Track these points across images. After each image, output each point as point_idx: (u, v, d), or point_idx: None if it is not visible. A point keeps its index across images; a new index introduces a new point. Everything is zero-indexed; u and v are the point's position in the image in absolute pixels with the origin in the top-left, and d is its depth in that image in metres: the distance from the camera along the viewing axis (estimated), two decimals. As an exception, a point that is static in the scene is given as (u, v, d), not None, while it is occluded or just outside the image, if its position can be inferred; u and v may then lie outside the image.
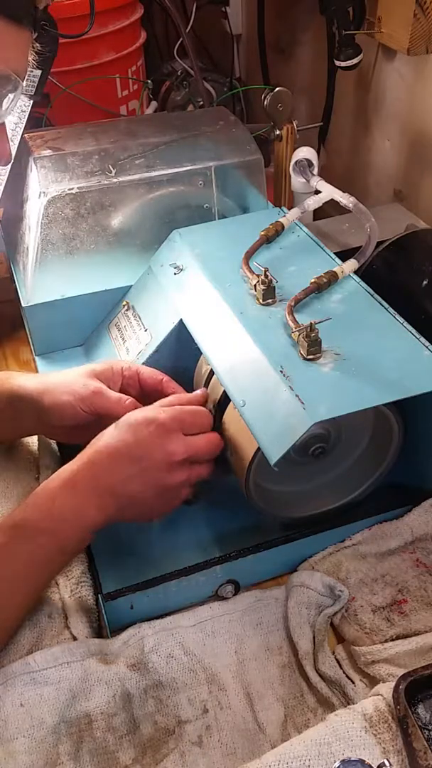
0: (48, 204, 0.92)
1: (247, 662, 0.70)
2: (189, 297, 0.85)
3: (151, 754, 0.64)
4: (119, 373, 0.82)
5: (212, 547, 0.78)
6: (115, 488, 0.69)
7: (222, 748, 0.64)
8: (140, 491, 0.70)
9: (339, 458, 0.78)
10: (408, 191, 1.24)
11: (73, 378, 0.81)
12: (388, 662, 0.67)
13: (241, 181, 1.01)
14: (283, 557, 0.77)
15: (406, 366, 0.70)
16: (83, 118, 1.21)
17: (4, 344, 1.11)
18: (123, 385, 0.82)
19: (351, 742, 0.56)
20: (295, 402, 0.65)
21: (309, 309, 0.77)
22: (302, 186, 1.10)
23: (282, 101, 1.15)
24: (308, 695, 0.68)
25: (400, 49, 1.09)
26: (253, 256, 0.85)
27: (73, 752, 0.63)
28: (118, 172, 0.95)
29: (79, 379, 0.80)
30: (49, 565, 0.69)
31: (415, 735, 0.56)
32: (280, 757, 0.56)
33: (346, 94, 1.35)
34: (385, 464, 0.79)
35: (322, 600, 0.72)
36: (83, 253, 0.95)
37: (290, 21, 1.51)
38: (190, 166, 0.97)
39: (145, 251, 0.96)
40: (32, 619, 0.71)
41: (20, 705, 0.64)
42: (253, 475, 0.72)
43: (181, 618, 0.72)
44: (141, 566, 0.75)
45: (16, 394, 0.81)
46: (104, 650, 0.69)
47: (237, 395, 0.71)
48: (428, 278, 0.90)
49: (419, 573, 0.74)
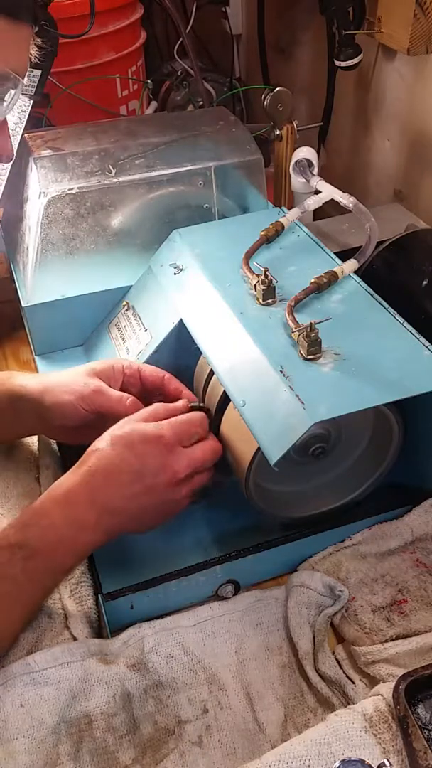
0: (48, 204, 0.92)
1: (247, 662, 0.70)
2: (189, 297, 0.85)
3: (151, 754, 0.64)
4: (120, 372, 0.82)
5: (212, 547, 0.78)
6: (116, 506, 0.68)
7: (222, 748, 0.64)
8: (144, 509, 0.70)
9: (339, 458, 0.78)
10: (408, 191, 1.24)
11: (73, 377, 0.81)
12: (388, 662, 0.67)
13: (241, 181, 1.01)
14: (283, 557, 0.77)
15: (406, 366, 0.70)
16: (83, 118, 1.21)
17: (4, 344, 1.11)
18: (124, 383, 0.82)
19: (351, 742, 0.56)
20: (295, 402, 0.65)
21: (309, 309, 0.77)
22: (302, 186, 1.10)
23: (282, 101, 1.15)
24: (308, 695, 0.68)
25: (400, 49, 1.09)
26: (253, 256, 0.85)
27: (73, 752, 0.63)
28: (118, 172, 0.95)
29: (79, 378, 0.80)
30: (45, 583, 0.68)
31: (415, 735, 0.56)
32: (280, 757, 0.56)
33: (346, 94, 1.35)
34: (385, 464, 0.79)
35: (322, 600, 0.72)
36: (83, 253, 0.95)
37: (290, 21, 1.51)
38: (190, 166, 0.97)
39: (145, 251, 0.96)
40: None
41: (20, 705, 0.64)
42: (253, 475, 0.72)
43: (181, 618, 0.72)
44: (141, 566, 0.75)
45: (16, 394, 0.81)
46: (104, 650, 0.69)
47: (237, 395, 0.71)
48: (428, 278, 0.90)
49: (419, 573, 0.74)
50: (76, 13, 1.14)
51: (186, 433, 0.72)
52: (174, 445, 0.71)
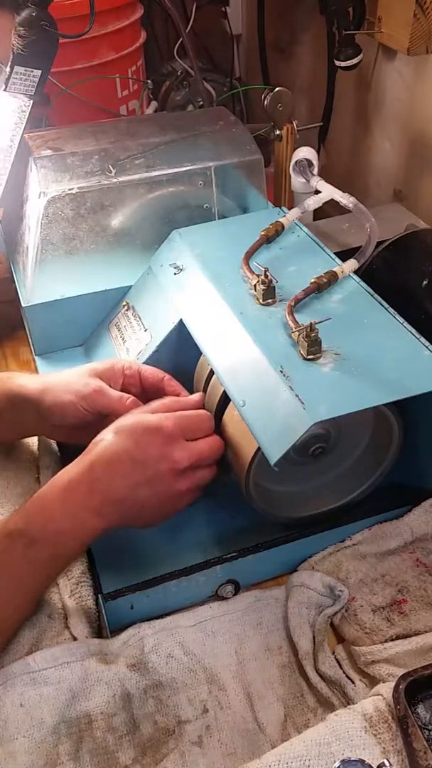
0: (48, 204, 0.92)
1: (247, 662, 0.70)
2: (189, 297, 0.85)
3: (151, 754, 0.64)
4: (120, 372, 0.82)
5: (212, 547, 0.78)
6: (116, 496, 0.68)
7: (222, 748, 0.64)
8: (144, 499, 0.70)
9: (339, 458, 0.78)
10: (408, 191, 1.24)
11: (73, 377, 0.81)
12: (388, 662, 0.67)
13: (241, 181, 1.01)
14: (283, 557, 0.77)
15: (406, 366, 0.70)
16: (83, 118, 1.22)
17: (4, 344, 1.11)
18: (124, 384, 0.82)
19: (351, 742, 0.56)
20: (295, 402, 0.65)
21: (309, 309, 0.77)
22: (302, 186, 1.10)
23: (282, 101, 1.15)
24: (308, 695, 0.68)
25: (400, 49, 1.09)
26: (253, 256, 0.85)
27: (73, 752, 0.63)
28: (118, 172, 0.95)
29: (79, 378, 0.80)
30: (47, 571, 0.68)
31: (415, 735, 0.56)
32: (280, 757, 0.56)
33: (346, 94, 1.35)
34: (385, 464, 0.79)
35: (322, 600, 0.72)
36: (83, 253, 0.95)
37: (290, 21, 1.51)
38: (190, 166, 0.97)
39: (145, 251, 0.96)
40: (32, 619, 0.71)
41: (20, 705, 0.64)
42: (253, 475, 0.72)
43: (181, 618, 0.72)
44: (141, 566, 0.75)
45: (16, 395, 0.81)
46: (104, 650, 0.69)
47: (237, 395, 0.71)
48: (428, 278, 0.90)
49: (419, 573, 0.74)
50: (76, 13, 1.14)
51: (190, 427, 0.72)
52: (176, 437, 0.71)
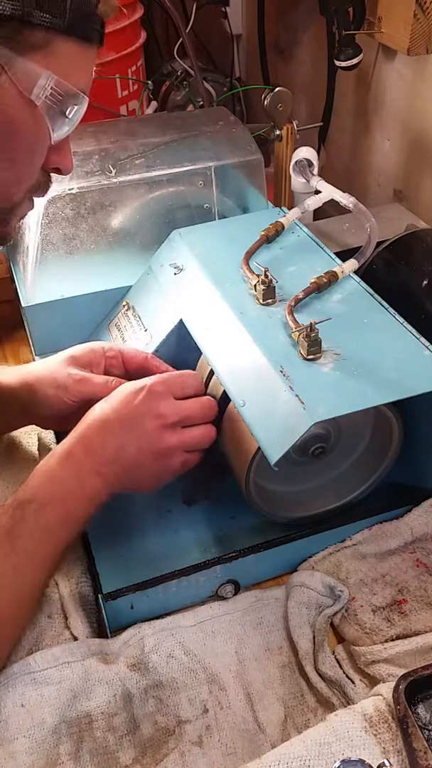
0: (48, 204, 0.92)
1: (247, 662, 0.70)
2: (189, 297, 0.85)
3: (151, 754, 0.64)
4: (101, 355, 0.82)
5: (212, 547, 0.78)
6: (111, 457, 0.70)
7: (222, 748, 0.64)
8: (135, 458, 0.71)
9: (339, 458, 0.78)
10: (408, 191, 1.24)
11: (55, 367, 0.81)
12: (388, 662, 0.67)
13: (241, 181, 1.01)
14: (283, 557, 0.77)
15: (406, 366, 0.70)
16: (83, 118, 1.21)
17: (4, 344, 1.11)
18: (106, 366, 0.82)
19: (351, 742, 0.56)
20: (295, 402, 0.65)
21: (309, 309, 0.77)
22: (302, 186, 1.10)
23: (282, 101, 1.15)
24: (308, 695, 0.68)
25: (400, 49, 1.09)
26: (253, 256, 0.85)
27: (73, 752, 0.63)
28: (118, 172, 0.95)
29: (62, 368, 0.80)
30: (61, 534, 0.69)
31: (415, 735, 0.56)
32: (280, 757, 0.56)
33: (346, 94, 1.35)
34: (385, 464, 0.79)
35: (322, 600, 0.72)
36: (83, 253, 0.95)
37: (290, 21, 1.51)
38: (190, 166, 0.97)
39: (145, 251, 0.96)
40: (32, 619, 0.71)
41: (21, 705, 0.64)
42: (253, 475, 0.72)
43: (181, 618, 0.72)
44: (141, 566, 0.75)
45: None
46: (104, 650, 0.69)
47: (237, 395, 0.71)
48: (428, 278, 0.90)
49: (419, 573, 0.74)
50: (76, 13, 1.14)
51: (177, 385, 0.74)
52: (162, 393, 0.72)
